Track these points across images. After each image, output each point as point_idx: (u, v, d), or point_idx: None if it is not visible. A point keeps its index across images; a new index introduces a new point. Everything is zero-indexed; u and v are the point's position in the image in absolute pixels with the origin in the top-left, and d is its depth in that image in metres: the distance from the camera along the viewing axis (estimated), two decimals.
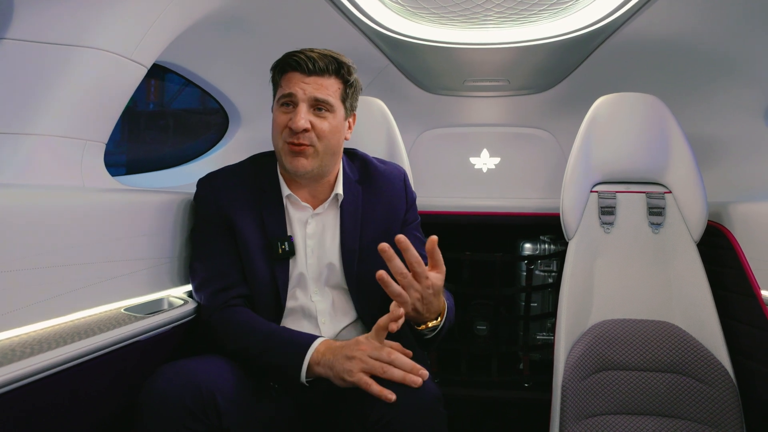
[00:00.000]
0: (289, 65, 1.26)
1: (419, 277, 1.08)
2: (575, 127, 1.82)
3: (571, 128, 2.07)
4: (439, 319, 1.19)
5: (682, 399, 1.47)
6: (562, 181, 1.75)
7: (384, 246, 1.04)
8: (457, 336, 2.47)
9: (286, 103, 1.27)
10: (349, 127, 1.39)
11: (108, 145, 1.36)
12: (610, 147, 1.72)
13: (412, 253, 1.06)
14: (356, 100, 1.37)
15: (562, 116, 2.57)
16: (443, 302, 1.20)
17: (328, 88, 1.27)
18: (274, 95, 1.33)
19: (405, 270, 1.07)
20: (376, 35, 1.87)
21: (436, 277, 1.11)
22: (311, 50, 1.27)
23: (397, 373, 1.05)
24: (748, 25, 1.57)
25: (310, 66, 1.24)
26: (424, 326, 1.18)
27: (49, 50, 1.12)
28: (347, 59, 1.31)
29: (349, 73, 1.31)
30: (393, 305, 1.09)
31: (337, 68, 1.28)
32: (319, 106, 1.26)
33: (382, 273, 1.05)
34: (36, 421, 0.90)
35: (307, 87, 1.24)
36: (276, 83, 1.32)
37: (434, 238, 1.07)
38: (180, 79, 2.02)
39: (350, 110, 1.36)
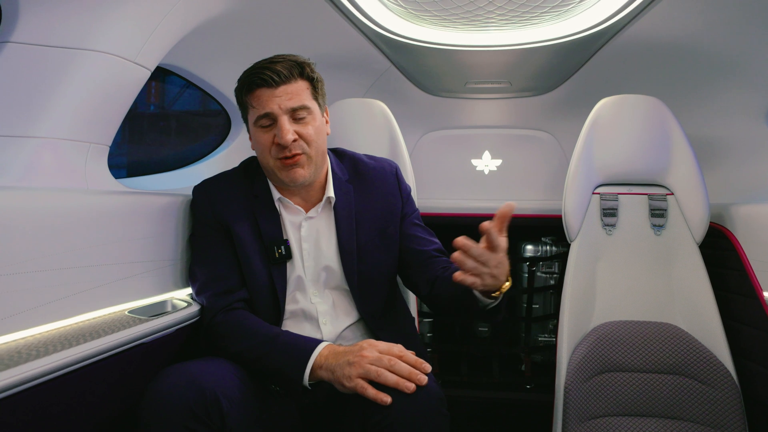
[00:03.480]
0: (254, 84, 1.25)
1: (494, 248, 1.08)
2: (577, 129, 1.82)
3: (572, 130, 2.07)
4: (509, 280, 1.18)
5: (685, 401, 1.47)
6: (564, 183, 1.75)
7: (459, 241, 1.06)
8: (458, 337, 2.47)
9: (265, 123, 1.26)
10: (326, 121, 1.39)
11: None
12: (612, 149, 1.72)
13: (477, 246, 1.07)
14: (325, 94, 1.37)
15: (563, 118, 2.57)
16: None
17: (300, 94, 1.26)
18: (245, 117, 1.33)
19: (482, 250, 1.07)
20: (378, 37, 1.87)
21: (503, 240, 1.10)
22: (269, 62, 1.26)
23: (390, 378, 1.04)
24: (750, 28, 1.57)
25: (276, 78, 1.23)
26: (498, 292, 1.17)
27: (53, 53, 1.13)
28: (304, 57, 1.30)
29: (312, 71, 1.30)
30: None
31: (301, 71, 1.27)
32: (297, 114, 1.26)
33: (461, 240, 1.06)
34: (41, 423, 0.91)
35: (279, 100, 1.23)
36: (245, 105, 1.30)
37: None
38: (180, 81, 2.02)
39: (323, 106, 1.36)
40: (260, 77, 1.23)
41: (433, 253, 1.43)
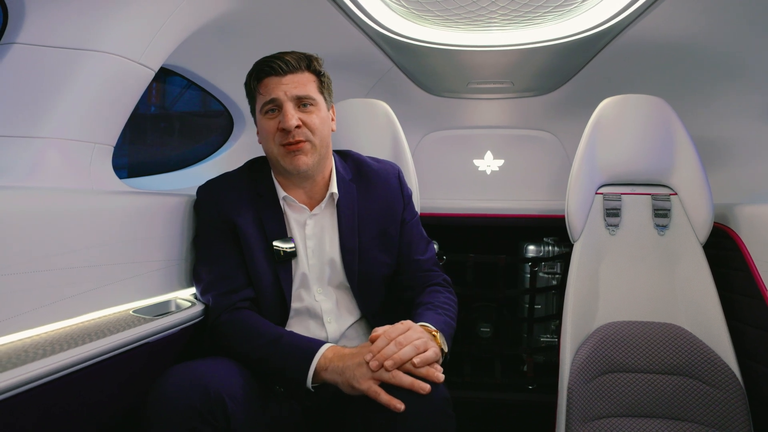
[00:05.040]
0: (263, 72, 1.29)
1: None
2: (579, 129, 1.82)
3: (574, 130, 2.07)
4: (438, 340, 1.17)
5: (689, 402, 1.47)
6: (567, 183, 1.75)
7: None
8: (460, 338, 2.47)
9: (271, 109, 1.29)
10: (332, 119, 1.41)
11: None
12: (615, 149, 1.72)
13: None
14: (331, 92, 1.40)
15: (565, 118, 2.57)
16: (436, 343, 1.15)
17: (306, 84, 1.29)
18: (253, 107, 1.35)
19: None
20: (380, 38, 1.87)
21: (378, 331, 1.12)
22: (278, 54, 1.30)
23: (405, 380, 1.04)
24: (754, 28, 1.57)
25: (284, 66, 1.27)
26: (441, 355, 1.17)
27: (58, 54, 1.13)
28: (313, 53, 1.34)
29: (319, 65, 1.34)
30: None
31: (308, 63, 1.32)
32: (303, 102, 1.29)
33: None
34: (47, 422, 0.91)
35: (286, 87, 1.27)
36: (253, 93, 1.33)
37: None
38: (181, 82, 2.03)
39: (329, 102, 1.39)
40: (269, 65, 1.28)
41: (425, 265, 1.45)
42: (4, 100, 1.10)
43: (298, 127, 1.26)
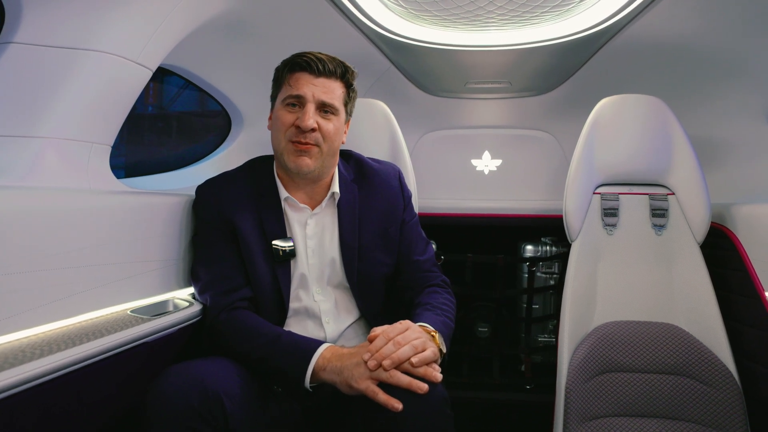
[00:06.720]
0: (298, 65, 1.29)
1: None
2: (577, 129, 1.83)
3: (572, 130, 2.08)
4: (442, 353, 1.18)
5: (686, 401, 1.47)
6: (565, 183, 1.75)
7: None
8: (458, 338, 2.47)
9: (293, 103, 1.29)
10: (345, 131, 1.41)
11: None
12: (612, 149, 1.72)
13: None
14: (353, 107, 1.42)
15: (563, 118, 2.58)
16: (434, 344, 1.16)
17: (334, 92, 1.30)
18: (276, 94, 1.35)
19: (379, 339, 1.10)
20: (378, 38, 1.88)
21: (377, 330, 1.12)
22: (319, 53, 1.31)
23: (403, 379, 1.04)
24: (752, 27, 1.57)
25: (320, 67, 1.28)
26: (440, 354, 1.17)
27: (55, 54, 1.13)
28: (351, 65, 1.36)
29: (352, 78, 1.36)
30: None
31: (343, 72, 1.32)
32: (325, 108, 1.29)
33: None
34: (45, 422, 0.90)
35: (315, 89, 1.28)
36: (281, 82, 1.33)
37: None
38: (179, 82, 2.02)
39: (349, 114, 1.40)
40: (306, 61, 1.28)
41: (424, 266, 1.45)
42: (1, 100, 1.10)
43: (312, 130, 1.27)
